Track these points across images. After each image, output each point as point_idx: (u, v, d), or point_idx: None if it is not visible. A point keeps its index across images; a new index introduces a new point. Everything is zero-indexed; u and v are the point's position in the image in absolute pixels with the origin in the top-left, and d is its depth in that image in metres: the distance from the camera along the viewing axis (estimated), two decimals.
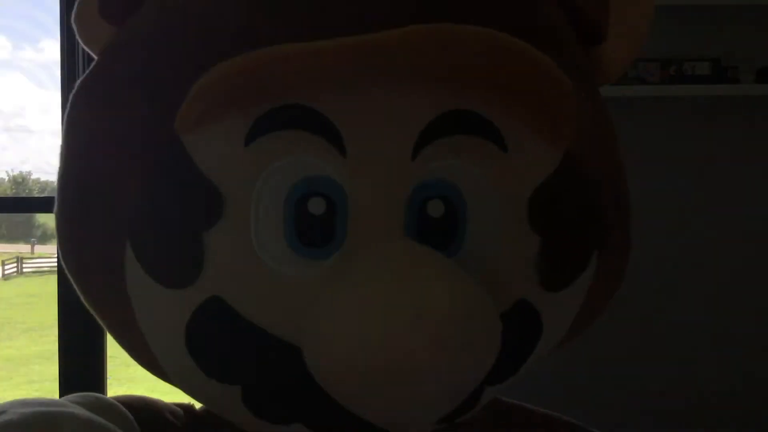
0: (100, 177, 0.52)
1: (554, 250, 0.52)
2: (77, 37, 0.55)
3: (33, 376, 6.65)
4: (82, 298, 0.56)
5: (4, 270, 14.59)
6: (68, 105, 0.55)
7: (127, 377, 5.39)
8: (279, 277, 0.48)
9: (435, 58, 0.46)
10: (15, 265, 15.32)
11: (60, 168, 0.55)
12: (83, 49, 1.82)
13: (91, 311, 0.56)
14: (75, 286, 0.56)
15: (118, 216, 0.50)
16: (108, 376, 1.78)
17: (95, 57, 0.56)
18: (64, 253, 0.55)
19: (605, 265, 0.57)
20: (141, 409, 0.57)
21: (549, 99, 0.49)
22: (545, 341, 0.55)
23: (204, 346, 0.50)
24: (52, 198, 0.56)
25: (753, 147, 2.05)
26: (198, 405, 0.61)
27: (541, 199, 0.52)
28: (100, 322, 0.57)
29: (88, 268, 0.54)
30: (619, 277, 0.60)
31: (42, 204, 1.90)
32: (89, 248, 0.53)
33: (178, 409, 0.60)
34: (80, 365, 1.72)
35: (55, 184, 0.56)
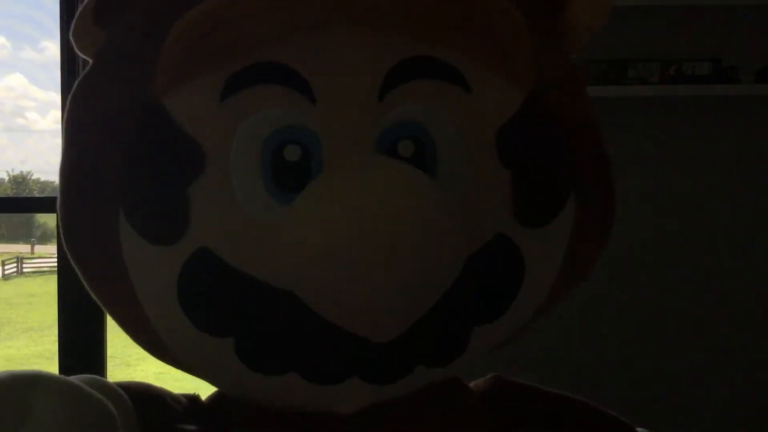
0: (93, 157, 0.55)
1: (525, 184, 0.54)
2: (75, 49, 0.58)
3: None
4: (83, 279, 0.58)
5: (4, 270, 14.59)
6: (67, 103, 0.58)
7: (126, 377, 5.40)
8: (260, 223, 0.51)
9: (391, 2, 0.50)
10: (15, 265, 15.32)
11: (61, 162, 0.57)
12: None
13: (91, 292, 0.58)
14: (76, 269, 0.58)
15: (111, 187, 0.53)
16: (108, 376, 1.78)
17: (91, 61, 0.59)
18: (65, 238, 0.57)
19: (585, 214, 0.58)
20: (140, 392, 0.58)
21: (503, 37, 0.52)
22: (531, 281, 0.56)
23: (195, 299, 0.52)
24: (52, 198, 0.58)
25: (753, 147, 2.05)
26: (203, 396, 0.62)
27: (508, 135, 0.54)
28: (99, 302, 0.59)
29: (86, 245, 0.57)
30: (604, 230, 0.61)
31: (42, 204, 1.90)
32: (87, 224, 0.56)
33: (182, 397, 0.61)
34: (80, 365, 1.72)
35: (55, 184, 0.58)
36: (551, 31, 0.58)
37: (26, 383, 0.47)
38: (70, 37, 0.58)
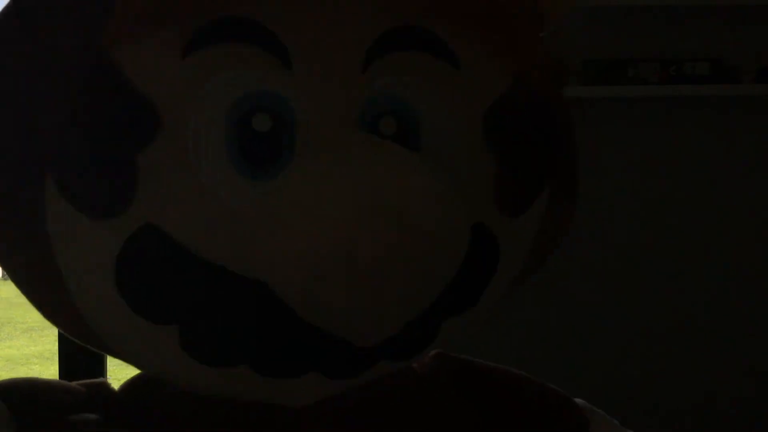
0: (15, 109, 0.47)
1: (511, 171, 0.51)
2: None
3: (33, 375, 6.62)
4: None
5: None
6: None
7: (127, 377, 5.38)
8: (221, 199, 0.45)
9: None
10: None
11: None
12: None
13: (7, 272, 0.52)
14: None
15: (37, 150, 0.46)
16: (108, 377, 1.78)
17: None
18: None
19: (555, 202, 0.56)
20: (21, 390, 0.53)
21: (492, 13, 0.49)
22: (502, 271, 0.53)
23: (137, 281, 0.46)
24: None
25: (753, 147, 2.05)
26: (116, 384, 0.57)
27: (496, 117, 0.50)
28: (9, 276, 0.53)
29: (2, 215, 0.49)
30: (568, 218, 0.59)
31: None
32: (3, 192, 0.49)
33: (82, 387, 0.56)
34: (80, 365, 1.72)
35: None
36: (530, 15, 0.54)
37: None
38: None
